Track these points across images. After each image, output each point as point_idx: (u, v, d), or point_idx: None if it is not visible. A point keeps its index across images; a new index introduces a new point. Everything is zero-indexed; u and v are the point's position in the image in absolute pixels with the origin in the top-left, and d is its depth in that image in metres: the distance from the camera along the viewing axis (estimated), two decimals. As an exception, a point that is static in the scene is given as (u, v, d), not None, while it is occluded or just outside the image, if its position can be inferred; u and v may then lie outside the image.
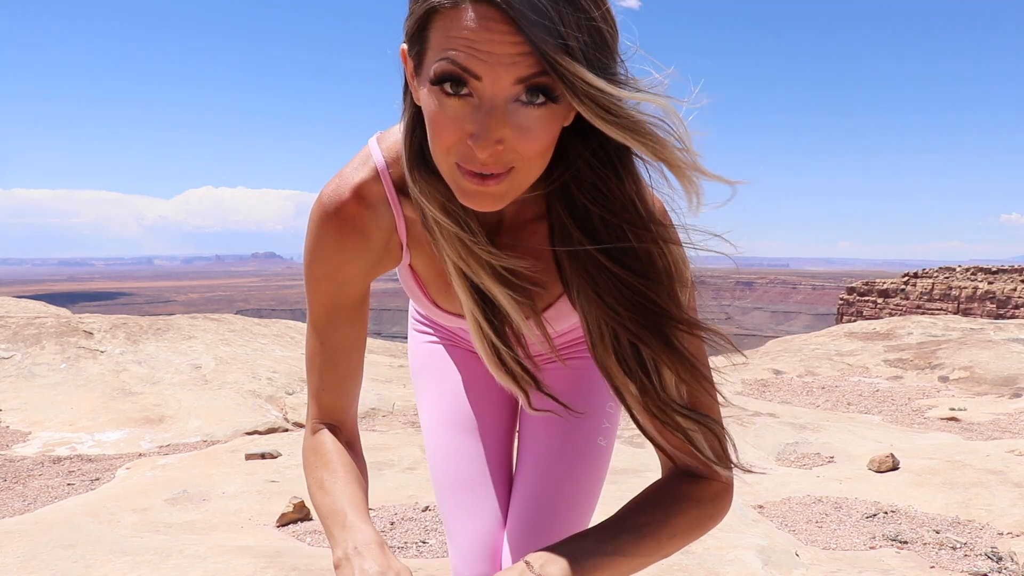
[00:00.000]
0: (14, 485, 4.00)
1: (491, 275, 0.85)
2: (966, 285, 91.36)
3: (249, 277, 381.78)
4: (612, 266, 0.81)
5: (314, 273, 0.93)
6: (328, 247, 0.91)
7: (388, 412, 5.83)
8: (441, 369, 1.25)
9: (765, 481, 3.91)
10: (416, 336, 1.31)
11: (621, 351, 0.83)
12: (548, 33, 0.67)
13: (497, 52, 0.68)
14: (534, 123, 0.72)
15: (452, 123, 0.72)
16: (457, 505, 1.14)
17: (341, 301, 0.95)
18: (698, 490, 0.89)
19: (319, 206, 0.91)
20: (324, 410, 0.99)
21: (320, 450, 0.97)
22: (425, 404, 1.25)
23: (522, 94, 0.70)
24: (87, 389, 5.93)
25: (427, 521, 3.07)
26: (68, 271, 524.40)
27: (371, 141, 0.94)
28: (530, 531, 1.08)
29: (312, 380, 0.99)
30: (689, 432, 0.84)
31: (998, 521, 3.18)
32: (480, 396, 1.21)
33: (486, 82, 0.69)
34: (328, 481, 0.92)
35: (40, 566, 2.37)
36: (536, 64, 0.68)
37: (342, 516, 0.87)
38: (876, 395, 7.10)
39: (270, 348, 7.62)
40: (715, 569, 2.47)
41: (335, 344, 0.97)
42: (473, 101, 0.71)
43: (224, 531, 2.92)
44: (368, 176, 0.90)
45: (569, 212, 0.82)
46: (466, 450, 1.16)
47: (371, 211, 0.91)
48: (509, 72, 0.68)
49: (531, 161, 0.74)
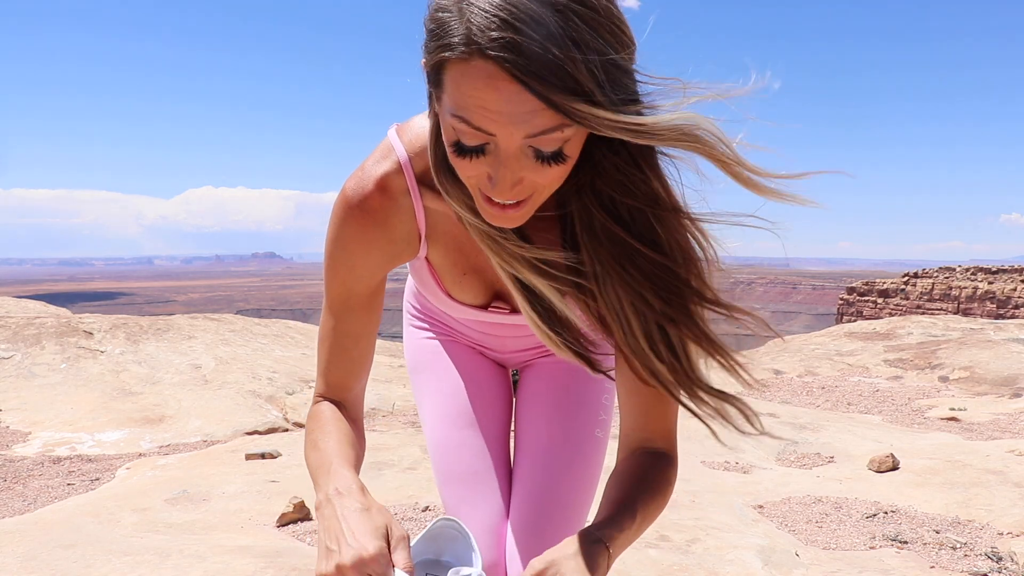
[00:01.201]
0: (14, 485, 4.00)
1: (529, 268, 0.87)
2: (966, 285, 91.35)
3: (249, 277, 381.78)
4: (644, 250, 0.81)
5: (334, 262, 0.95)
6: (350, 239, 0.93)
7: (388, 412, 5.83)
8: (440, 365, 1.26)
9: (765, 481, 3.91)
10: (413, 332, 1.31)
11: (651, 335, 0.84)
12: (561, 83, 0.66)
13: (507, 112, 0.68)
14: (550, 164, 0.74)
15: (471, 167, 0.75)
16: (461, 498, 1.15)
17: (357, 290, 0.97)
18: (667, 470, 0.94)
19: (343, 199, 0.92)
20: (330, 387, 1.02)
21: (320, 417, 0.99)
22: (426, 400, 1.26)
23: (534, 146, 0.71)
24: (87, 389, 5.93)
25: (427, 521, 3.07)
26: (68, 271, 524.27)
27: (391, 133, 0.95)
28: (533, 523, 1.10)
29: (322, 358, 1.01)
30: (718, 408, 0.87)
31: (998, 521, 3.18)
32: (479, 391, 1.23)
33: (499, 138, 0.71)
34: (321, 440, 0.95)
35: (40, 566, 2.37)
36: (551, 118, 0.69)
37: (328, 466, 0.89)
38: (876, 395, 7.09)
39: (270, 348, 7.61)
40: (715, 569, 2.47)
41: (347, 330, 0.99)
42: (490, 148, 0.73)
43: (224, 531, 2.92)
44: (391, 168, 0.92)
45: (595, 203, 0.83)
46: (468, 444, 1.18)
47: (394, 203, 0.93)
48: (520, 130, 0.70)
49: (550, 186, 0.77)
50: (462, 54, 0.68)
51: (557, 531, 1.09)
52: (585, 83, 0.67)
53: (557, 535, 1.08)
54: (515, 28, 0.65)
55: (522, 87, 0.67)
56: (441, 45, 0.70)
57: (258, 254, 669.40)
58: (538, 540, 1.08)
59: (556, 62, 0.66)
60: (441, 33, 0.70)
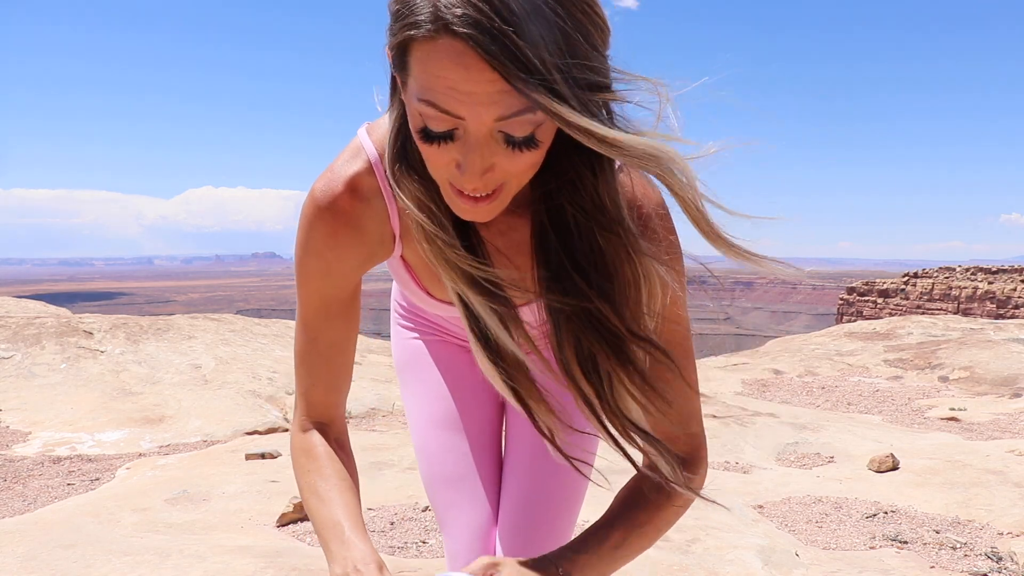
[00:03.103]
0: (14, 485, 4.00)
1: (467, 282, 0.81)
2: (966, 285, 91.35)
3: (249, 277, 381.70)
4: (574, 272, 0.79)
5: (306, 269, 0.92)
6: (320, 243, 0.90)
7: (388, 412, 5.83)
8: (425, 367, 1.23)
9: (765, 481, 3.91)
10: (400, 332, 1.29)
11: (582, 357, 0.81)
12: (527, 66, 0.64)
13: (476, 92, 0.66)
14: (521, 151, 0.70)
15: (439, 154, 0.71)
16: (450, 501, 1.14)
17: (334, 296, 0.94)
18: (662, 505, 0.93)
19: (311, 201, 0.89)
20: (314, 408, 0.98)
21: (312, 452, 0.96)
22: (412, 402, 1.24)
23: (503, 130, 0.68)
24: (87, 389, 5.93)
25: (427, 521, 3.07)
26: (68, 271, 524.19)
27: (360, 132, 0.92)
28: (521, 526, 1.10)
29: (301, 377, 0.98)
30: (645, 451, 0.85)
31: (998, 521, 3.18)
32: (467, 392, 1.21)
33: (469, 121, 0.68)
34: (322, 488, 0.92)
35: (40, 566, 2.37)
36: (518, 102, 0.66)
37: (339, 530, 0.87)
38: (876, 395, 7.09)
39: (270, 348, 7.61)
40: (715, 569, 2.47)
41: (328, 340, 0.96)
42: (459, 133, 0.69)
43: (224, 531, 2.92)
44: (361, 168, 0.89)
45: (547, 210, 0.81)
46: (455, 448, 1.16)
47: (364, 204, 0.89)
48: (490, 111, 0.67)
49: (522, 175, 0.74)
50: (428, 32, 0.65)
51: (545, 534, 1.09)
52: (553, 72, 0.65)
53: (545, 538, 1.07)
54: (484, 4, 0.63)
55: (490, 66, 0.64)
56: (406, 24, 0.67)
57: (258, 254, 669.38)
58: (526, 543, 1.08)
59: (524, 39, 0.63)
60: (406, 12, 0.67)
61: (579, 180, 0.77)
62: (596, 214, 0.78)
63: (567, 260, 0.79)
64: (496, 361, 0.84)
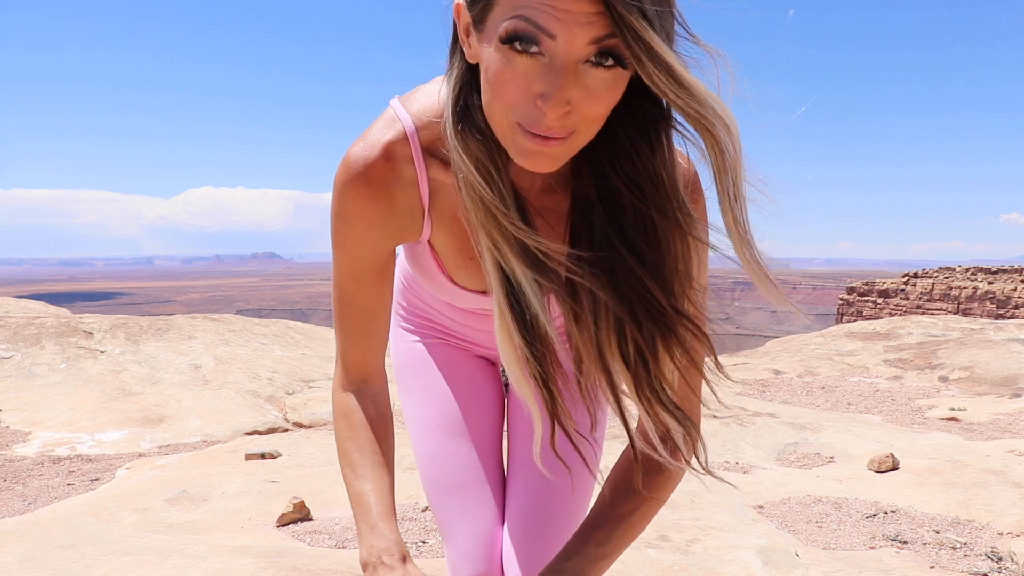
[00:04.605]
0: (14, 485, 4.00)
1: (516, 252, 0.79)
2: (966, 285, 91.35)
3: (249, 277, 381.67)
4: (623, 247, 0.79)
5: (340, 237, 0.93)
6: (352, 211, 0.90)
7: (388, 412, 5.84)
8: (428, 370, 1.22)
9: (765, 481, 3.91)
10: (400, 334, 1.27)
11: (623, 338, 0.81)
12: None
13: (573, 11, 0.66)
14: (602, 85, 0.70)
15: (520, 81, 0.70)
16: (454, 508, 1.13)
17: (365, 265, 0.95)
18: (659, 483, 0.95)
19: (345, 167, 0.89)
20: (351, 367, 1.01)
21: (351, 419, 0.99)
22: (412, 406, 1.23)
23: (592, 55, 0.68)
24: (87, 389, 5.93)
25: (427, 521, 3.07)
26: (68, 271, 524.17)
27: (394, 103, 0.92)
28: (530, 528, 1.09)
29: (339, 339, 1.00)
30: (671, 429, 0.85)
31: (998, 521, 3.18)
32: (469, 396, 1.20)
33: (560, 41, 0.67)
34: (357, 459, 0.96)
35: (40, 566, 2.37)
36: (610, 25, 0.66)
37: (368, 512, 0.91)
38: (876, 395, 7.10)
39: (270, 348, 7.61)
40: (715, 569, 2.47)
41: (361, 304, 0.97)
42: (544, 60, 0.69)
43: (224, 531, 2.92)
44: (396, 136, 0.89)
45: (595, 183, 0.80)
46: (460, 454, 1.15)
47: (397, 173, 0.89)
48: (584, 32, 0.67)
49: (593, 124, 0.73)
50: None
51: (554, 535, 1.08)
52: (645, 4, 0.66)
53: (554, 539, 1.07)
54: None
55: None
56: None
57: (258, 254, 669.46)
58: (536, 545, 1.07)
59: None
60: None
61: (636, 154, 0.77)
62: (652, 190, 0.78)
63: (616, 236, 0.79)
64: (529, 341, 0.83)
